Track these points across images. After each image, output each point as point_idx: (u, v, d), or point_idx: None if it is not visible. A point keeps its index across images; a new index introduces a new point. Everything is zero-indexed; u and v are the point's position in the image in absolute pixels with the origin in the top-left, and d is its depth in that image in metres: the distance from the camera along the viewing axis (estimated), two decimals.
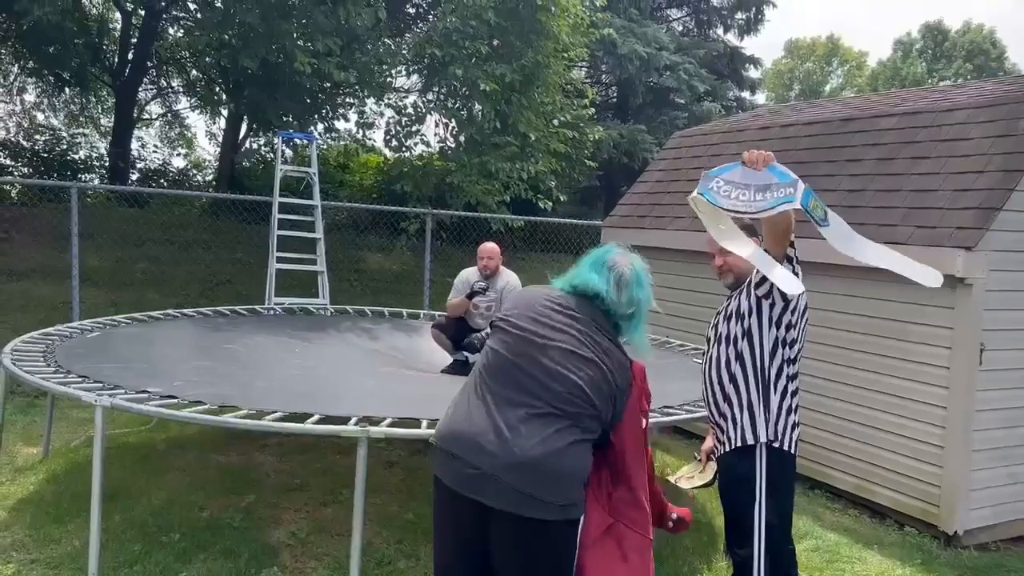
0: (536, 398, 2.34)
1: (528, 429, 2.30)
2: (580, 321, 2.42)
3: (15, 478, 4.90)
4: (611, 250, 2.57)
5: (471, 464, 2.31)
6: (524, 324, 2.41)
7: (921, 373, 5.10)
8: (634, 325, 2.51)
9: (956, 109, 5.71)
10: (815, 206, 2.78)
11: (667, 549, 4.42)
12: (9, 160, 14.32)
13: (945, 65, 38.23)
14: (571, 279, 2.52)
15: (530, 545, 2.34)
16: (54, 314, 7.93)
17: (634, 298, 2.49)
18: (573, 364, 2.35)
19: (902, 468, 5.21)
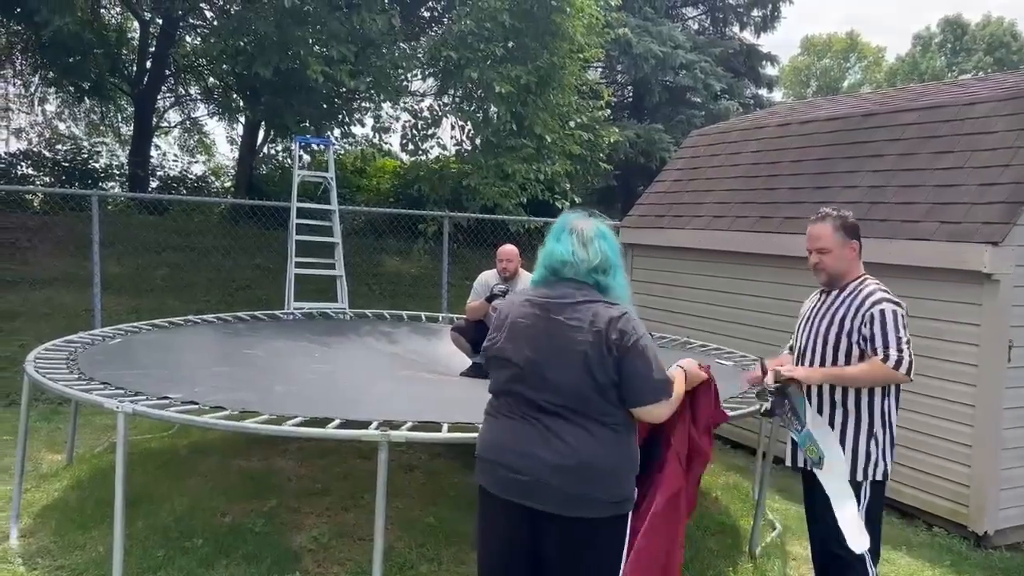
0: (558, 407, 2.41)
1: (566, 434, 2.39)
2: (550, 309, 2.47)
3: (40, 485, 4.94)
4: (567, 217, 2.64)
5: (517, 471, 2.41)
6: (510, 354, 2.49)
7: (948, 371, 5.02)
8: (611, 276, 2.53)
9: (979, 102, 5.63)
10: (809, 449, 3.27)
11: (691, 551, 4.38)
12: (31, 170, 14.49)
13: (965, 59, 37.78)
14: (541, 263, 2.59)
15: (581, 543, 2.43)
16: (76, 321, 8.00)
17: (599, 248, 2.52)
18: (568, 361, 2.40)
19: (930, 467, 5.13)
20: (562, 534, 2.41)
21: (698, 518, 4.87)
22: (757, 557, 4.38)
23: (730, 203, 7.07)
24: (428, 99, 13.55)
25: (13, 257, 10.02)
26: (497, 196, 10.47)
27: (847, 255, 3.28)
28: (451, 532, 4.42)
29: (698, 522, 4.80)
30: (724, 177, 7.44)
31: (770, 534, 4.74)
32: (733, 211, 6.95)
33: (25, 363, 4.25)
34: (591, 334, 2.40)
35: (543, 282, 2.57)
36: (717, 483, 5.70)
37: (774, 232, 6.34)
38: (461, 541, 4.32)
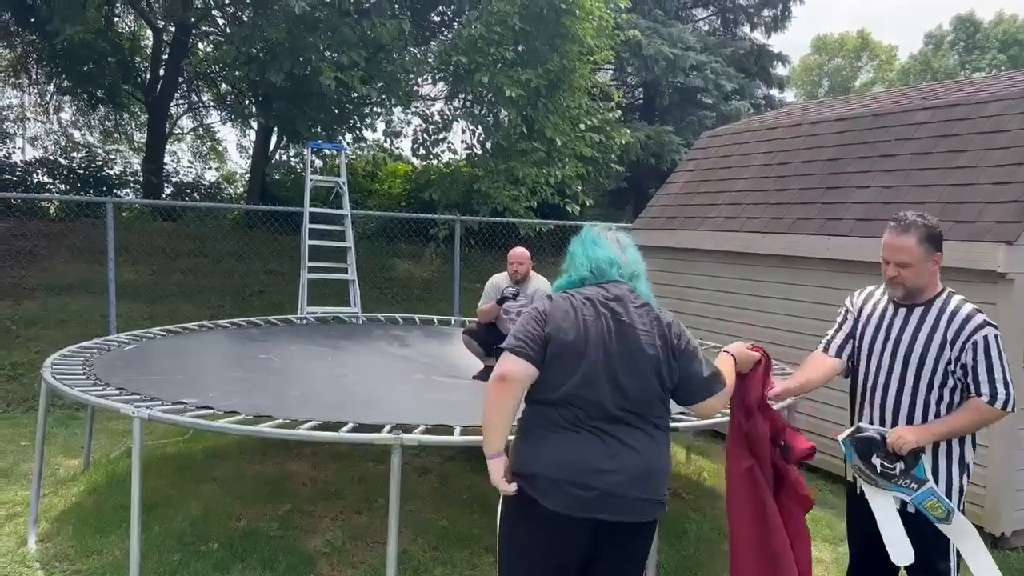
0: (626, 412, 2.40)
1: (632, 440, 2.40)
2: (617, 312, 2.45)
3: (57, 490, 4.98)
4: (589, 230, 2.68)
5: (591, 487, 2.34)
6: (585, 350, 2.39)
7: None
8: (642, 280, 2.61)
9: (992, 100, 5.59)
10: (933, 506, 2.86)
11: (706, 554, 4.37)
12: (47, 177, 14.64)
13: (978, 57, 37.50)
14: (580, 266, 2.58)
15: (640, 546, 2.51)
16: (92, 327, 8.07)
17: (633, 254, 2.64)
18: (641, 366, 2.42)
19: None
20: (623, 540, 2.44)
21: (713, 520, 4.87)
22: None
23: (742, 204, 7.06)
24: (439, 103, 13.59)
25: (31, 264, 10.12)
26: (507, 200, 10.49)
27: (930, 268, 2.91)
28: (464, 535, 4.43)
29: (713, 524, 4.79)
30: (736, 178, 7.43)
31: None
32: (745, 212, 6.94)
33: (42, 369, 4.29)
34: (659, 338, 2.45)
35: (585, 283, 2.55)
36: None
37: (786, 233, 6.32)
38: (474, 544, 4.33)
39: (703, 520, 4.85)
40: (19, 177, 14.04)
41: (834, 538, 4.79)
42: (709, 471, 5.99)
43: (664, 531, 3.77)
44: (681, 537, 4.56)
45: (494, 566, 4.08)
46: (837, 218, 5.97)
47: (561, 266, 2.72)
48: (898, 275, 2.92)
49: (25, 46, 14.10)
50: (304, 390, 4.71)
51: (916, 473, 2.84)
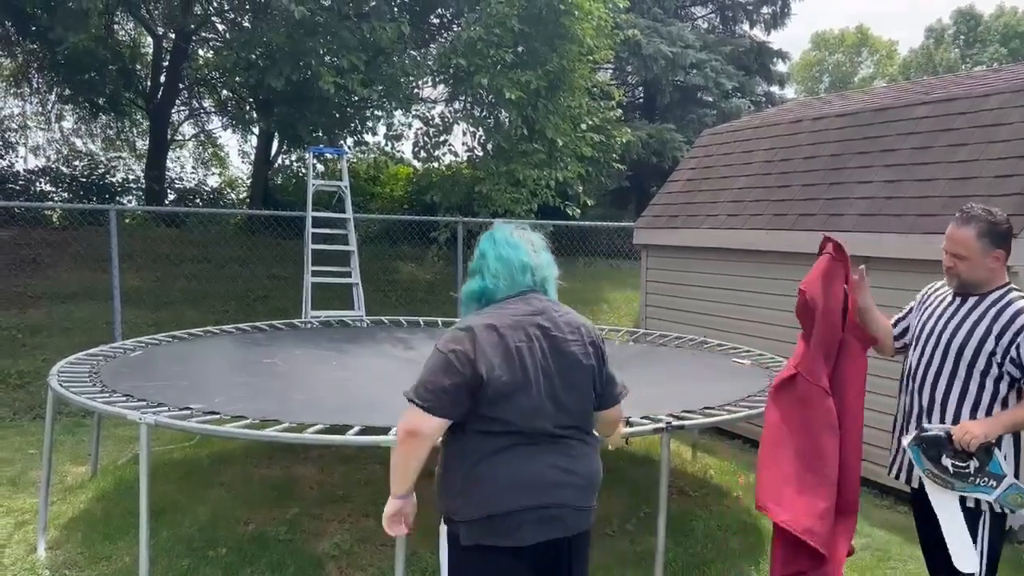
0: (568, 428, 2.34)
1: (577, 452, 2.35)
2: (546, 327, 2.32)
3: (66, 497, 5.00)
4: (501, 228, 2.48)
5: (549, 504, 2.27)
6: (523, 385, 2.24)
7: None
8: (552, 285, 2.46)
9: (993, 94, 5.59)
10: (1015, 500, 2.76)
11: (712, 552, 4.37)
12: (50, 186, 14.68)
13: (979, 50, 37.44)
14: (491, 273, 2.38)
15: (585, 555, 2.48)
16: (97, 335, 8.09)
17: (547, 257, 2.46)
18: (579, 381, 2.34)
19: None
20: (575, 552, 2.40)
21: (719, 517, 4.87)
22: None
23: (744, 201, 7.06)
24: (439, 106, 13.60)
25: (35, 273, 10.15)
26: (508, 203, 10.49)
27: (988, 264, 2.87)
28: None
29: (719, 522, 4.80)
30: (737, 176, 7.43)
31: None
32: (747, 209, 6.94)
33: (49, 377, 4.31)
34: (589, 346, 2.36)
35: (501, 294, 2.37)
36: (738, 482, 5.68)
37: (789, 230, 6.32)
38: None
39: (710, 517, 4.86)
40: (22, 186, 14.08)
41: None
42: (715, 468, 5.99)
43: (671, 529, 3.78)
44: (688, 535, 4.56)
45: None
46: (840, 214, 5.97)
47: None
48: (954, 266, 2.93)
49: (26, 55, 14.14)
50: (309, 394, 4.71)
51: (992, 469, 2.73)
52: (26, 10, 10.26)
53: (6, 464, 5.70)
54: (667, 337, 6.63)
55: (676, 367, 5.82)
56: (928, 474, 2.83)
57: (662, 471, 3.60)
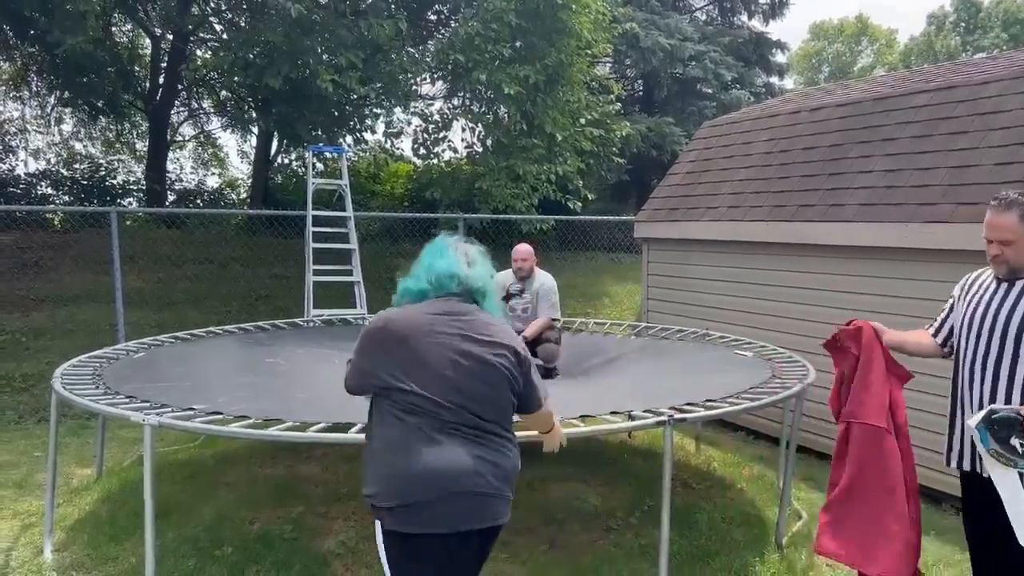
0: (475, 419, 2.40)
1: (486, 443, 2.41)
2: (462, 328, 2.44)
3: (72, 499, 5.02)
4: (440, 239, 2.65)
5: (460, 491, 2.33)
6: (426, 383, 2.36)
7: None
8: (488, 298, 2.59)
9: (992, 81, 5.58)
10: None
11: (717, 543, 4.38)
12: (51, 189, 14.69)
13: (980, 36, 37.32)
14: (421, 278, 2.54)
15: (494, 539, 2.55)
16: (100, 337, 8.11)
17: (481, 271, 2.57)
18: (491, 377, 2.43)
19: None
20: (486, 539, 2.49)
21: (723, 509, 4.88)
22: (784, 547, 4.37)
23: (744, 193, 7.05)
24: (438, 102, 13.60)
25: (37, 276, 10.18)
26: (508, 198, 10.49)
27: None
28: None
29: (723, 514, 4.80)
30: (737, 167, 7.42)
31: (796, 524, 4.72)
32: (747, 201, 6.94)
33: (52, 380, 4.32)
34: (508, 354, 2.46)
35: (424, 296, 2.51)
36: (742, 474, 5.69)
37: (789, 220, 6.32)
38: None
39: (714, 509, 4.86)
40: (23, 190, 14.10)
41: None
42: (719, 461, 6.00)
43: (675, 521, 3.78)
44: (692, 527, 4.57)
45: (508, 562, 4.11)
46: (840, 204, 5.96)
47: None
48: (1001, 253, 2.93)
49: (25, 59, 14.15)
50: (311, 392, 4.73)
51: None
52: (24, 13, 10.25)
53: (12, 467, 5.72)
54: (669, 330, 6.63)
55: (678, 360, 5.82)
56: (993, 453, 2.88)
57: (665, 464, 3.61)
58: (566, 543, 4.38)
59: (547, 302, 5.96)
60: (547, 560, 4.17)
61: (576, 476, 5.43)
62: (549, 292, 5.99)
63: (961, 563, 4.27)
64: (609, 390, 5.13)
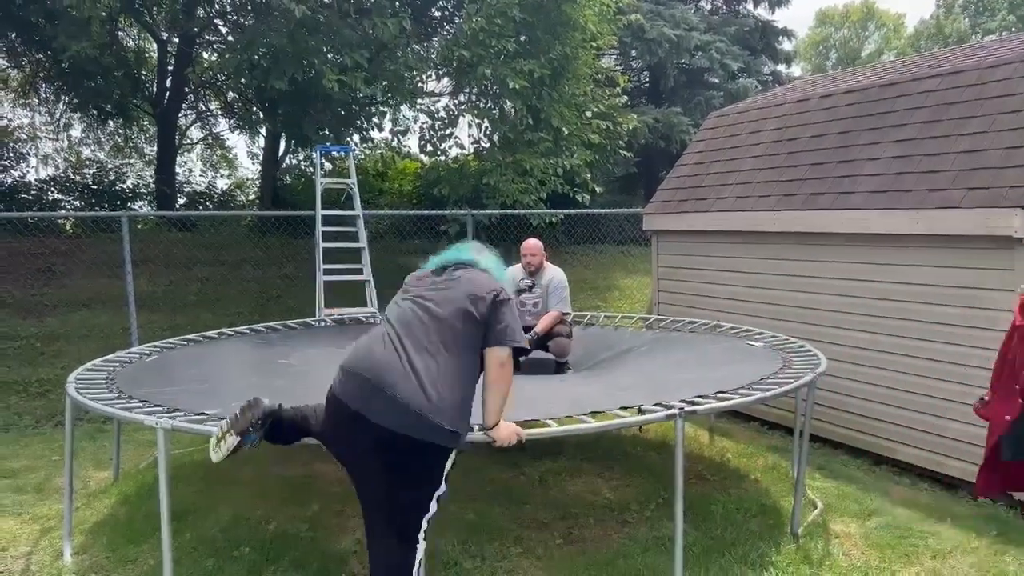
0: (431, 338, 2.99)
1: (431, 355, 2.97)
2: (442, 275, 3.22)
3: (90, 503, 5.06)
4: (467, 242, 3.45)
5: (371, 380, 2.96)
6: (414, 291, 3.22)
7: (984, 339, 4.94)
8: (499, 271, 3.26)
9: (1001, 64, 5.53)
10: None
11: (733, 533, 4.38)
12: (61, 195, 14.78)
13: (989, 18, 36.97)
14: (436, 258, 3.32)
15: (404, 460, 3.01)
16: (114, 341, 8.16)
17: (487, 256, 3.28)
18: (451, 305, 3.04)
19: (971, 438, 5.05)
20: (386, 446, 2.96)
21: (738, 500, 4.87)
22: (800, 537, 4.36)
23: (752, 183, 7.02)
24: (444, 99, 13.58)
25: (50, 282, 10.25)
26: (516, 193, 10.48)
27: None
28: (492, 527, 4.46)
29: (738, 504, 4.80)
30: (745, 157, 7.39)
31: (811, 513, 4.72)
32: (756, 191, 6.91)
33: (66, 384, 4.35)
34: (477, 298, 3.02)
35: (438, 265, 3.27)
36: (756, 464, 5.68)
37: (799, 209, 6.29)
38: (503, 536, 4.36)
39: (728, 500, 4.85)
40: (34, 196, 14.18)
41: (861, 512, 4.79)
42: (733, 452, 5.99)
43: (690, 512, 3.78)
44: (707, 519, 4.57)
45: (523, 557, 4.12)
46: (849, 192, 5.93)
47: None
48: None
49: (33, 65, 14.23)
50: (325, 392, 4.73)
51: None
52: (31, 20, 10.31)
53: (30, 471, 5.78)
54: (680, 322, 6.62)
55: (690, 352, 5.81)
56: None
57: (677, 456, 3.61)
58: (581, 537, 4.39)
59: (557, 296, 5.97)
60: (562, 554, 4.18)
61: (590, 470, 5.43)
62: (559, 286, 5.99)
63: (978, 550, 4.26)
64: (620, 384, 5.13)
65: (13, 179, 14.73)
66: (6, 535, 4.58)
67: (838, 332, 5.98)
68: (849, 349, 5.89)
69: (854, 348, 5.87)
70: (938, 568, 4.07)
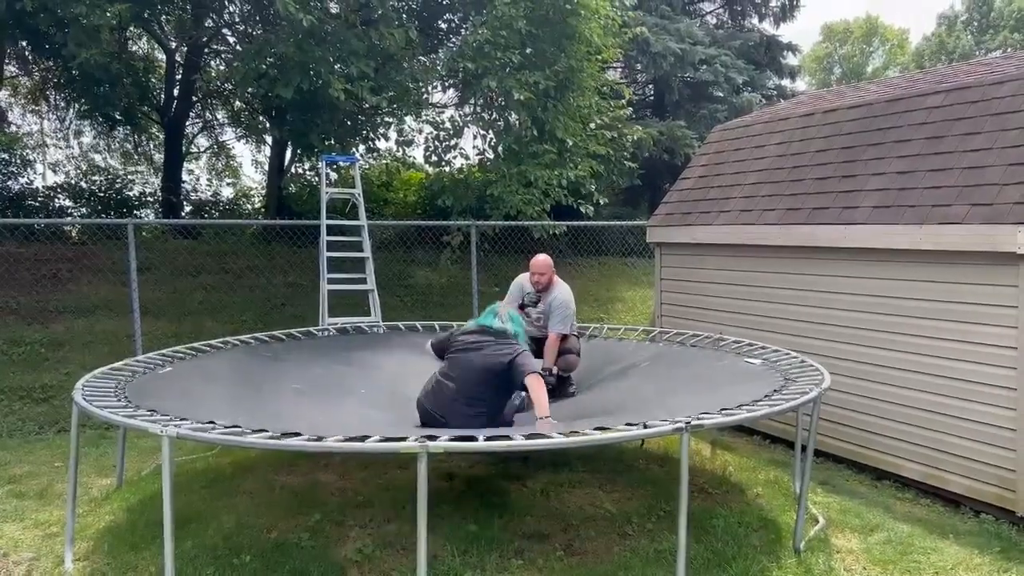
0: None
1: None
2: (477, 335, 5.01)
3: (92, 509, 5.07)
4: (495, 307, 5.19)
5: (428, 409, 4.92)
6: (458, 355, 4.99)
7: (987, 355, 4.96)
8: (519, 335, 5.02)
9: (1006, 81, 5.55)
10: None
11: (734, 547, 4.37)
12: (68, 201, 14.84)
13: (991, 36, 37.07)
14: (480, 320, 5.13)
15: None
16: (118, 347, 8.19)
17: (512, 326, 5.01)
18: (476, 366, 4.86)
19: (973, 453, 5.06)
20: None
21: (740, 514, 4.87)
22: (801, 552, 4.36)
23: (756, 196, 7.04)
24: (449, 110, 13.63)
25: (56, 288, 10.28)
26: (520, 204, 10.49)
27: None
28: (493, 538, 4.46)
29: (740, 518, 4.79)
30: (749, 171, 7.41)
31: (813, 528, 4.71)
32: (760, 204, 6.93)
33: (73, 392, 4.37)
34: (498, 356, 4.81)
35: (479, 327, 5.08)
36: (758, 478, 5.67)
37: (802, 224, 6.30)
38: (503, 547, 4.36)
39: (730, 514, 4.85)
40: (41, 202, 14.24)
41: (863, 527, 4.78)
42: (735, 465, 5.98)
43: (692, 526, 3.78)
44: (709, 532, 4.56)
45: (524, 568, 4.12)
46: (853, 206, 5.95)
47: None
48: None
49: (43, 73, 14.32)
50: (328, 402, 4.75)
51: None
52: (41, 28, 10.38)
53: (33, 477, 5.78)
54: (684, 335, 6.62)
55: (693, 365, 5.82)
56: None
57: (682, 470, 3.60)
58: (582, 549, 4.39)
59: (557, 316, 5.94)
60: (563, 566, 4.18)
61: (591, 482, 5.43)
62: (562, 306, 5.95)
63: (981, 567, 4.25)
64: (625, 397, 5.14)
65: (20, 185, 14.79)
66: (8, 541, 4.59)
67: (840, 347, 5.99)
68: (852, 364, 5.89)
69: (857, 363, 5.87)
70: None
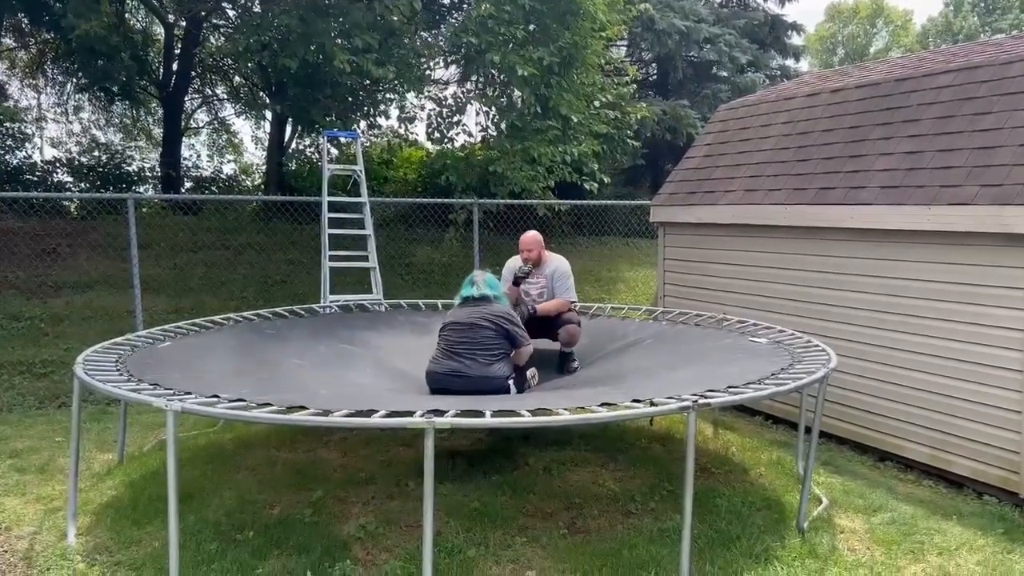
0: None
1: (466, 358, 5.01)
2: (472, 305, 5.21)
3: (94, 484, 5.06)
4: (471, 276, 5.36)
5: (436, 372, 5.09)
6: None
7: (994, 337, 4.93)
8: (499, 298, 5.29)
9: (1016, 60, 5.48)
10: None
11: (738, 527, 4.37)
12: (67, 176, 14.77)
13: (999, 17, 36.76)
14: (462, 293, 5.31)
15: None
16: (118, 323, 8.16)
17: (490, 283, 5.28)
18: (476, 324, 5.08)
19: (978, 435, 5.05)
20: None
21: (743, 494, 4.86)
22: (805, 531, 4.35)
23: (761, 176, 6.99)
24: (452, 86, 13.54)
25: (55, 263, 10.24)
26: (524, 181, 10.44)
27: None
28: (496, 516, 4.46)
29: (743, 498, 4.79)
30: (754, 151, 7.35)
31: (817, 508, 4.70)
32: (765, 184, 6.87)
33: (75, 366, 4.34)
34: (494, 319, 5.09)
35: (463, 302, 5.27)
36: (760, 459, 5.67)
37: (808, 204, 6.25)
38: (507, 524, 4.36)
39: (733, 494, 4.84)
40: (39, 177, 14.17)
41: (866, 508, 4.78)
42: (737, 445, 5.98)
43: (695, 506, 3.76)
44: (712, 511, 4.56)
45: (527, 546, 4.12)
46: (861, 186, 5.90)
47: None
48: None
49: (40, 45, 14.20)
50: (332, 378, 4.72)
51: None
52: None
53: (34, 452, 5.77)
54: (687, 315, 6.60)
55: (697, 345, 5.79)
56: None
57: (688, 450, 3.58)
58: (585, 527, 4.39)
59: (563, 285, 5.95)
60: (567, 544, 4.17)
61: (594, 461, 5.42)
62: (563, 275, 5.97)
63: (984, 548, 4.25)
64: (629, 377, 5.12)
65: (19, 160, 14.71)
66: (10, 515, 4.58)
67: (846, 327, 5.96)
68: (857, 344, 5.87)
69: (862, 344, 5.85)
70: (944, 565, 4.06)
